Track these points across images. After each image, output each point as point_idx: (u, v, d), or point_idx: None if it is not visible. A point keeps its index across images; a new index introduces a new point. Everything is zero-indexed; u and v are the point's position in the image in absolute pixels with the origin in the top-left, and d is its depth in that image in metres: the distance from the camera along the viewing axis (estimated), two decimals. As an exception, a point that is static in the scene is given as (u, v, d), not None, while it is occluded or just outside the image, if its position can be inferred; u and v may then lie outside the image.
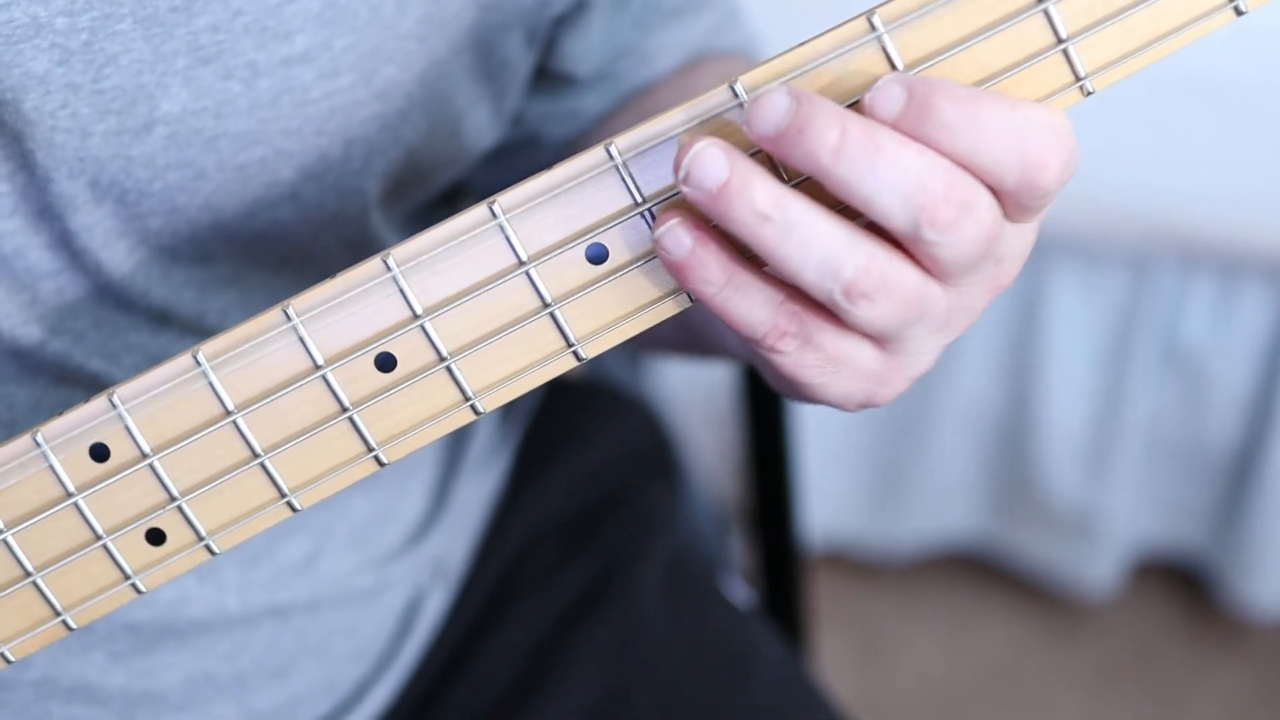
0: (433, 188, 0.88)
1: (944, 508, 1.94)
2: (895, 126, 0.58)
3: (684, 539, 1.05)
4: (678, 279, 0.61)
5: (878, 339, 0.62)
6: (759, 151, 0.61)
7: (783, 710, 0.97)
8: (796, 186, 0.60)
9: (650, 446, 1.09)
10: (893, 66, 0.60)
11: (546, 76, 0.90)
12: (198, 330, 0.80)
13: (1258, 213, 1.63)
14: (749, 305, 0.61)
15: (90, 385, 0.78)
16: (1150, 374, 1.81)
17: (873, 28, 0.60)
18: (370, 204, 0.81)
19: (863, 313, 0.59)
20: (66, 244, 0.75)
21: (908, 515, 1.94)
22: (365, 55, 0.76)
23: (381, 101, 0.77)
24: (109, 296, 0.77)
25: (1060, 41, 0.60)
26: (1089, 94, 0.61)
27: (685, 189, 0.59)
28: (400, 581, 0.93)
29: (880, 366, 0.63)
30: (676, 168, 0.59)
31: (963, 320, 0.63)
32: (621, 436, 1.07)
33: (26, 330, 0.76)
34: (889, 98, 0.58)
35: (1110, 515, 1.88)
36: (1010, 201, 0.60)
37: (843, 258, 0.58)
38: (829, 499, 1.94)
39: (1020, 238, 0.63)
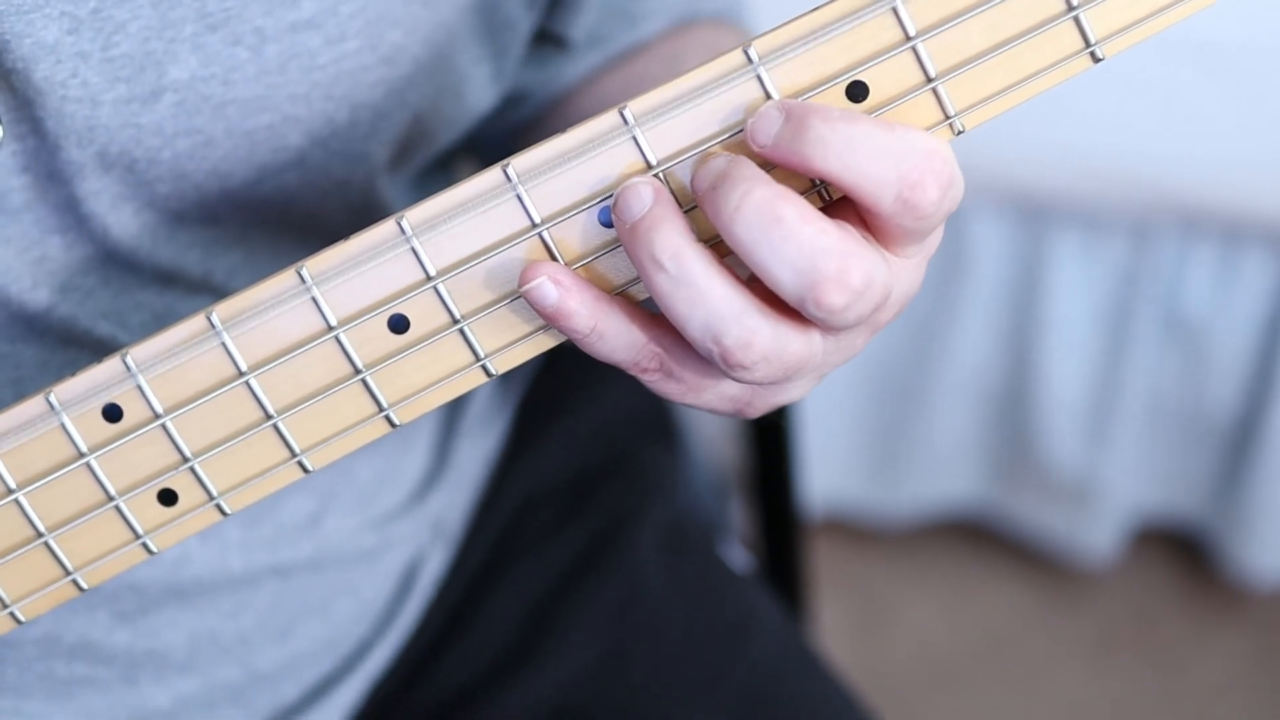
0: (435, 150, 0.88)
1: (944, 474, 1.94)
2: (774, 148, 0.60)
3: (683, 503, 1.05)
4: (547, 322, 0.63)
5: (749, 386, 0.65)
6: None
7: (780, 676, 0.97)
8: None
9: (650, 410, 1.09)
10: (906, 35, 0.60)
11: (540, 37, 0.91)
12: (205, 289, 0.80)
13: (1258, 179, 1.63)
14: (612, 348, 0.63)
15: (96, 347, 0.78)
16: (1150, 341, 1.81)
17: None
18: (377, 169, 0.81)
19: (741, 376, 0.62)
20: (73, 208, 0.75)
21: (907, 482, 1.94)
22: (372, 20, 0.76)
23: (388, 66, 0.77)
24: (116, 257, 0.77)
25: (1071, 9, 0.60)
26: (1099, 60, 0.61)
27: (613, 216, 0.61)
28: (402, 541, 0.94)
29: (745, 393, 0.66)
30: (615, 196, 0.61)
31: (840, 359, 0.65)
32: (622, 399, 1.07)
33: (35, 294, 0.76)
34: (767, 123, 0.60)
35: (1110, 482, 1.88)
36: (891, 226, 0.61)
37: (725, 326, 0.60)
38: (829, 465, 1.94)
39: (908, 276, 0.64)
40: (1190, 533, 1.98)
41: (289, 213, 0.80)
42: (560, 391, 1.05)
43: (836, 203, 0.63)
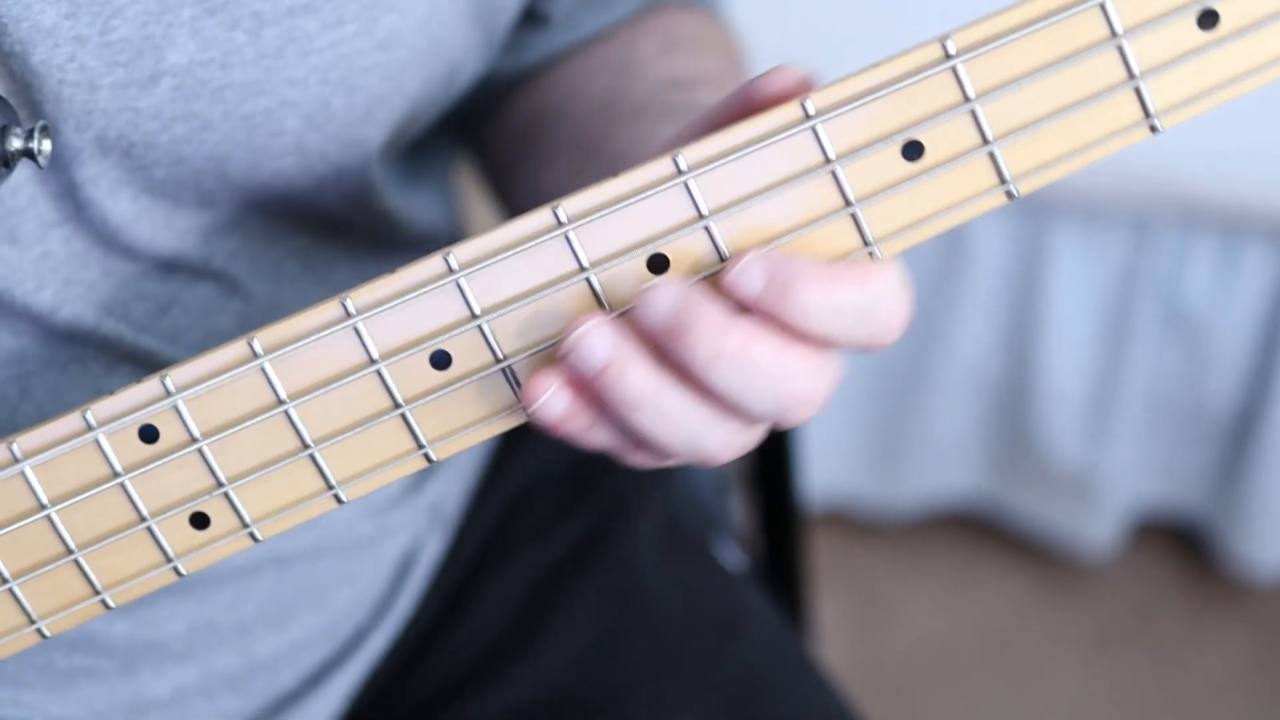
0: (418, 131, 0.88)
1: (944, 468, 1.94)
2: (755, 304, 0.61)
3: (679, 498, 1.05)
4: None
5: None
6: None
7: (770, 674, 0.98)
8: None
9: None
10: (965, 96, 0.60)
11: (522, 19, 0.91)
12: (205, 275, 0.80)
13: (1260, 173, 1.63)
14: (603, 440, 0.65)
15: (101, 344, 0.78)
16: (1151, 334, 1.81)
17: (947, 55, 0.60)
18: (372, 154, 0.81)
19: (722, 460, 0.65)
20: (71, 195, 0.75)
21: (907, 475, 1.94)
22: (367, 5, 0.76)
23: (383, 51, 0.78)
24: (115, 246, 0.77)
25: (1132, 78, 0.61)
26: (1156, 131, 0.62)
27: (568, 359, 0.62)
28: (399, 529, 0.94)
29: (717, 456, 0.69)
30: (562, 340, 0.62)
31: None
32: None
33: (40, 296, 0.76)
34: (750, 279, 0.61)
35: (1110, 476, 1.88)
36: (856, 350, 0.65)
37: (706, 437, 0.63)
38: (829, 459, 1.94)
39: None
40: (1190, 527, 1.98)
41: (286, 197, 0.80)
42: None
43: None
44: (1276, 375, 1.80)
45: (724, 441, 0.63)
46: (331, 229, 0.85)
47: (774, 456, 1.41)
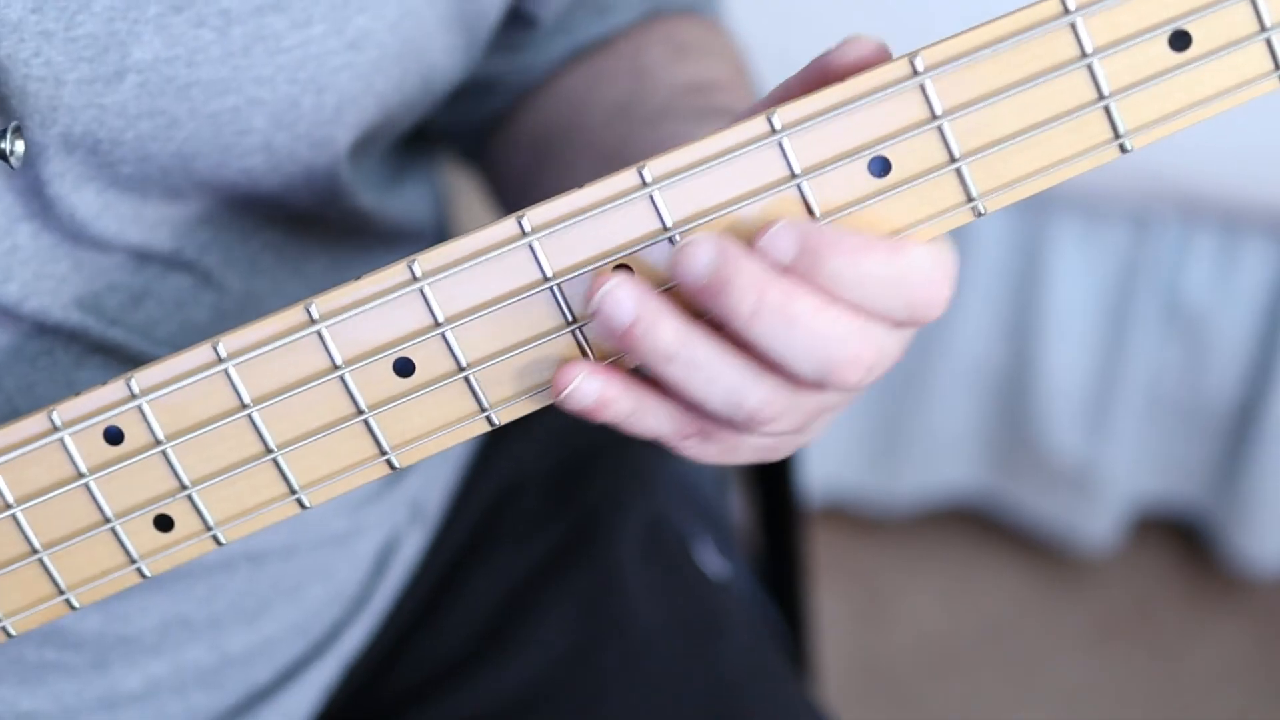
0: (396, 135, 0.88)
1: (944, 462, 1.94)
2: (788, 269, 0.61)
3: (665, 502, 1.05)
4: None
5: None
6: None
7: (743, 685, 0.97)
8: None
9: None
10: (932, 114, 0.60)
11: (511, 18, 0.91)
12: (178, 265, 0.81)
13: (1259, 168, 1.62)
14: (653, 424, 0.65)
15: (70, 336, 0.78)
16: (1151, 329, 1.81)
17: (915, 72, 0.60)
18: (341, 154, 0.81)
19: (768, 430, 0.63)
20: (39, 191, 0.75)
21: (907, 470, 1.94)
22: (337, 5, 0.76)
23: (354, 51, 0.78)
24: (84, 239, 0.77)
25: (1102, 98, 0.60)
26: (1127, 151, 0.62)
27: (594, 324, 0.62)
28: (375, 525, 0.94)
29: (776, 443, 0.68)
30: (587, 300, 0.62)
31: (849, 400, 0.67)
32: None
33: (6, 287, 0.76)
34: (782, 246, 0.61)
35: (1110, 470, 1.88)
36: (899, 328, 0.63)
37: (745, 392, 0.62)
38: (828, 453, 1.94)
39: (900, 347, 0.66)
40: (1190, 521, 1.98)
41: (254, 195, 0.81)
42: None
43: None
44: (1276, 370, 1.80)
45: (766, 400, 0.62)
46: (304, 224, 0.85)
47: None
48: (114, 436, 0.65)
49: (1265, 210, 1.66)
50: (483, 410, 0.65)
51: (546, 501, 1.01)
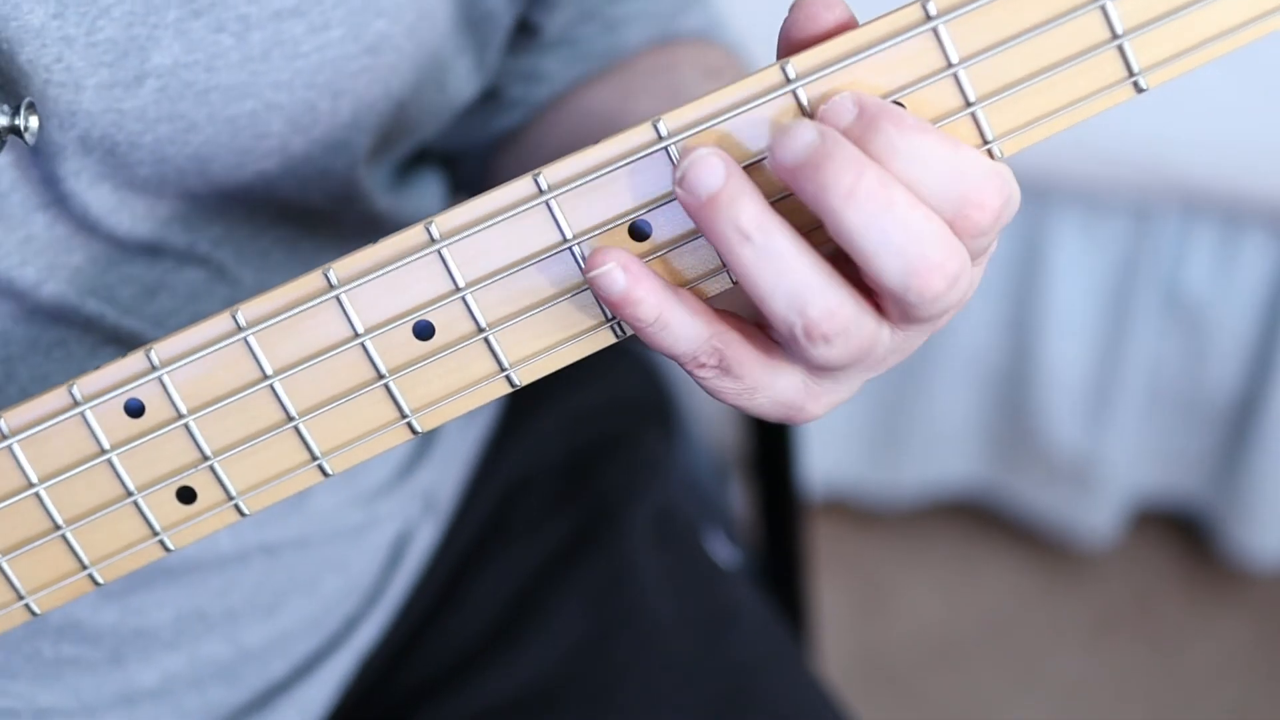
0: (416, 141, 0.88)
1: (944, 456, 1.94)
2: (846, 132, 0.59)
3: (674, 492, 1.05)
4: (610, 310, 0.62)
5: (815, 371, 0.64)
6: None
7: (757, 672, 0.97)
8: (780, 209, 0.61)
9: (647, 395, 1.09)
10: (948, 61, 0.60)
11: (517, 30, 0.91)
12: (192, 259, 0.81)
13: (1260, 161, 1.62)
14: (675, 339, 0.62)
15: (85, 325, 0.78)
16: (1151, 322, 1.81)
17: (928, 16, 0.60)
18: (358, 158, 0.81)
19: (819, 352, 0.61)
20: (53, 186, 0.75)
21: (908, 463, 1.94)
22: (355, 9, 0.76)
23: (371, 55, 0.78)
24: (98, 233, 0.78)
25: (1115, 37, 0.60)
26: (1141, 90, 0.61)
27: (678, 190, 0.60)
28: (389, 517, 0.94)
29: (799, 396, 0.65)
30: (676, 166, 0.60)
31: (895, 360, 0.65)
32: (619, 382, 1.07)
33: (23, 271, 0.76)
34: (842, 109, 0.59)
35: (1110, 464, 1.88)
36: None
37: (812, 296, 0.60)
38: (829, 447, 1.94)
39: (971, 278, 0.64)
40: (1190, 514, 1.98)
41: (270, 198, 0.81)
42: (556, 372, 1.05)
43: None
44: (1276, 363, 1.80)
45: (831, 310, 0.60)
46: (318, 220, 0.85)
47: (773, 444, 1.41)
48: (135, 409, 0.65)
49: (1266, 203, 1.67)
50: (503, 369, 0.64)
51: (557, 494, 1.01)
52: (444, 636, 0.96)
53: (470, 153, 0.97)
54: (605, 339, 0.64)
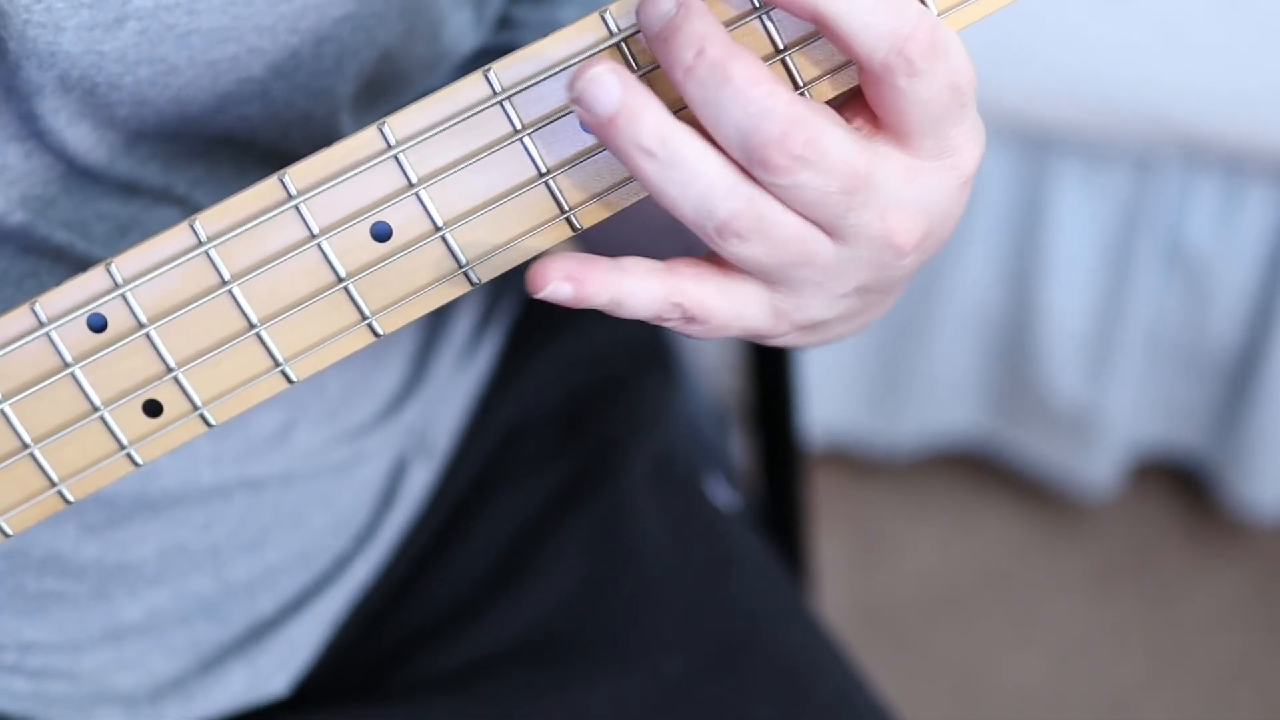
0: (410, 91, 0.88)
1: (944, 406, 1.94)
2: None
3: (674, 437, 1.05)
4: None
5: (762, 277, 0.64)
6: None
7: (757, 615, 0.98)
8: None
9: (646, 339, 1.09)
10: None
11: None
12: (167, 199, 0.80)
13: (1263, 112, 1.62)
14: (634, 308, 0.64)
15: (56, 255, 0.78)
16: (1152, 274, 1.81)
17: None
18: (340, 105, 0.81)
19: (736, 250, 0.62)
20: (31, 121, 0.75)
21: (908, 414, 1.94)
22: None
23: (356, 2, 0.77)
24: (75, 167, 0.78)
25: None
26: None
27: (576, 109, 0.60)
28: (376, 453, 0.94)
29: (769, 319, 0.66)
30: (570, 86, 0.60)
31: (857, 275, 0.65)
32: (617, 326, 1.07)
33: None
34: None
35: (1110, 415, 1.88)
36: (888, 92, 0.61)
37: (718, 199, 0.61)
38: (829, 397, 1.94)
39: (933, 184, 0.64)
40: (1190, 466, 1.98)
41: (250, 142, 0.80)
42: (553, 316, 1.05)
43: (850, 100, 0.63)
44: (1277, 315, 1.80)
45: (738, 210, 0.61)
46: None
47: (773, 394, 1.41)
48: (97, 324, 0.65)
49: (1268, 154, 1.66)
50: (460, 266, 0.65)
51: (555, 437, 1.01)
52: (441, 581, 0.96)
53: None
54: (562, 232, 0.65)
